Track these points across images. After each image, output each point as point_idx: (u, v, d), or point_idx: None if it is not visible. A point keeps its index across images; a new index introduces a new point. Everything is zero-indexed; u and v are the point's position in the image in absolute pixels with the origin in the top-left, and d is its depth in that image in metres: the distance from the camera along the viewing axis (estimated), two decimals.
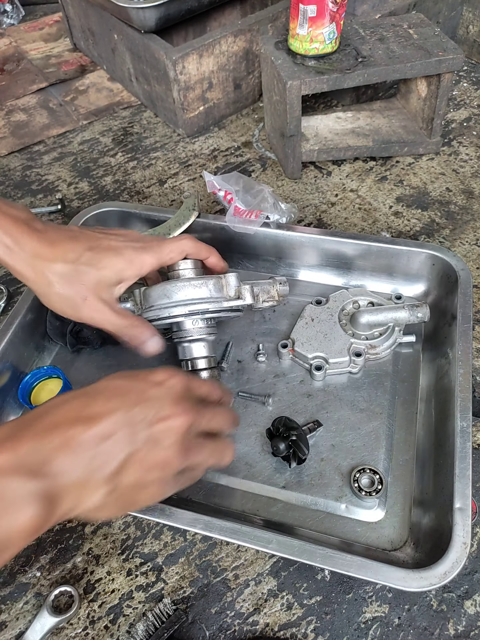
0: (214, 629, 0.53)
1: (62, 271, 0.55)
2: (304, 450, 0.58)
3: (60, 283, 0.55)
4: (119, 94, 1.18)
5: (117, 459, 0.41)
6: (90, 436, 0.39)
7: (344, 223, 0.87)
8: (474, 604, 0.54)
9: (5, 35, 1.38)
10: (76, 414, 0.41)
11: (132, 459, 0.41)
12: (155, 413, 0.43)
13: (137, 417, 0.42)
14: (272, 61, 0.85)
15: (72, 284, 0.55)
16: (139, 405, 0.43)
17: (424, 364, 0.69)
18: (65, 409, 0.41)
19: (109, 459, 0.40)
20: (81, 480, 0.39)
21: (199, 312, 0.60)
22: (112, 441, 0.40)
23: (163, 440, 0.43)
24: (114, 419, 0.41)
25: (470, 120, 1.04)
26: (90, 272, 0.56)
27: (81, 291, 0.56)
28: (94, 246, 0.57)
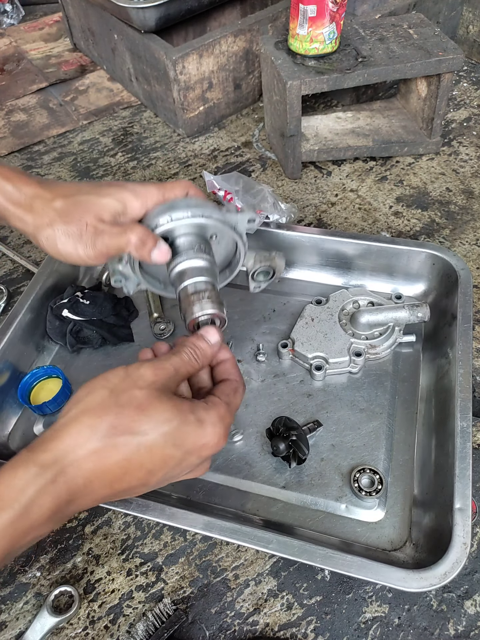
0: (214, 629, 0.53)
1: (62, 206, 0.52)
2: (304, 450, 0.58)
3: (61, 217, 0.52)
4: (119, 94, 1.18)
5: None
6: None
7: (344, 223, 0.87)
8: (474, 604, 0.54)
9: (5, 35, 1.38)
10: (110, 492, 0.40)
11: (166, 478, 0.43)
12: (189, 471, 0.44)
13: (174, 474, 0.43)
14: (272, 61, 0.85)
15: (74, 214, 0.52)
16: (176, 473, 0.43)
17: (424, 364, 0.69)
18: (93, 493, 0.40)
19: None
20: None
21: (202, 216, 0.53)
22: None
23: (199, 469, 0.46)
24: (144, 488, 0.42)
25: (470, 120, 1.03)
26: (91, 199, 0.53)
27: (83, 218, 0.52)
28: (95, 184, 0.55)
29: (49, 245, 0.53)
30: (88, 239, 0.51)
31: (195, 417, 0.41)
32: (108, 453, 0.38)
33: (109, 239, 0.51)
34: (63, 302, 0.70)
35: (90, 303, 0.71)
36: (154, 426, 0.39)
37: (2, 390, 0.65)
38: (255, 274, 0.64)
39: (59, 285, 0.74)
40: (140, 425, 0.39)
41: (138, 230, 0.51)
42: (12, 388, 0.66)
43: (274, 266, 0.63)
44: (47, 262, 0.74)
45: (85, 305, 0.70)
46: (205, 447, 0.41)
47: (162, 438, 0.39)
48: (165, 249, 0.52)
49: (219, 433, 0.42)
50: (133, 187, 0.54)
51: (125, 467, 0.38)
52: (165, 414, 0.40)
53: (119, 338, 0.72)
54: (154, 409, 0.39)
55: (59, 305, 0.70)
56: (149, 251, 0.52)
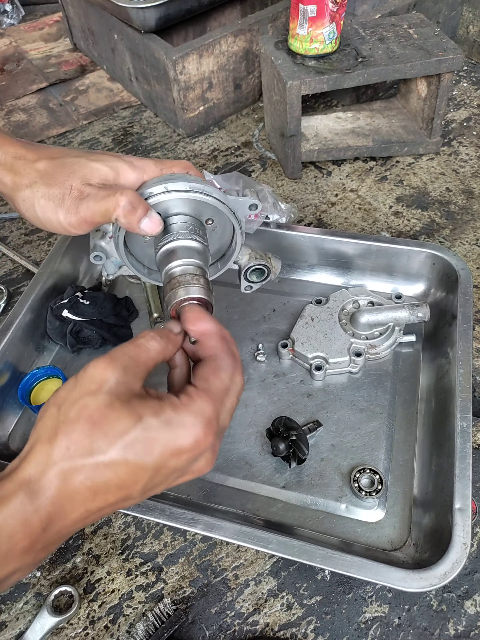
0: (214, 629, 0.53)
1: (46, 167, 0.47)
2: (304, 450, 0.58)
3: (44, 178, 0.46)
4: (119, 94, 1.18)
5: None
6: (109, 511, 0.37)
7: (344, 223, 0.87)
8: (474, 604, 0.54)
9: (5, 35, 1.38)
10: (86, 513, 0.35)
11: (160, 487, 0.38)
12: (177, 475, 0.38)
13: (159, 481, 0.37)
14: (272, 61, 0.85)
15: (58, 176, 0.46)
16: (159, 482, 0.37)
17: (424, 364, 0.69)
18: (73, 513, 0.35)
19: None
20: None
21: (201, 192, 0.48)
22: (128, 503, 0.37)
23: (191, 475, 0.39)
24: (131, 502, 0.37)
25: (470, 120, 1.03)
26: (80, 162, 0.47)
27: (68, 181, 0.46)
28: (87, 151, 0.50)
29: (26, 209, 0.48)
30: (71, 204, 0.46)
31: (160, 420, 0.35)
32: (70, 475, 0.33)
33: (95, 202, 0.45)
34: (63, 303, 0.70)
35: (90, 303, 0.71)
36: (110, 441, 0.33)
37: (2, 390, 0.65)
38: (249, 272, 0.60)
39: (59, 285, 0.74)
40: (94, 441, 0.34)
41: (129, 193, 0.45)
42: (12, 388, 0.66)
43: (269, 266, 0.60)
44: (47, 262, 0.74)
45: (85, 305, 0.70)
46: (181, 451, 0.35)
47: (122, 452, 0.34)
48: (156, 218, 0.46)
49: (194, 432, 0.35)
50: (129, 159, 0.49)
51: (92, 487, 0.34)
52: (120, 424, 0.34)
53: (119, 338, 0.72)
54: (107, 421, 0.34)
55: (59, 306, 0.70)
56: (138, 219, 0.45)
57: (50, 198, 0.46)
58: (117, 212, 0.45)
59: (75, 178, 0.46)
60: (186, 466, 0.37)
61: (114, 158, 0.48)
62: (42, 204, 0.46)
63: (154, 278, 0.56)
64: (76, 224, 0.46)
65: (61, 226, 0.47)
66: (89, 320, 0.70)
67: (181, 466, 0.36)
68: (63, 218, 0.46)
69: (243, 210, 0.52)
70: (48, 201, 0.46)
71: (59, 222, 0.47)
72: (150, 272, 0.56)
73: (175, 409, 0.36)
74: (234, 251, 0.56)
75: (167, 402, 0.36)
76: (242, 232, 0.53)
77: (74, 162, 0.47)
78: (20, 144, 0.49)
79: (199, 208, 0.50)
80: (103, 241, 0.51)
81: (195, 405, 0.36)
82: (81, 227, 0.47)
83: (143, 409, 0.35)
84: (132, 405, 0.35)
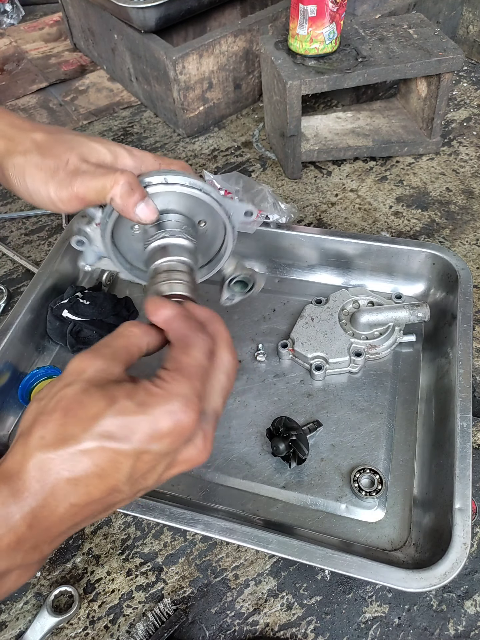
0: (214, 629, 0.53)
1: (42, 138, 0.45)
2: (304, 451, 0.58)
3: (39, 148, 0.44)
4: (119, 94, 1.18)
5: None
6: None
7: (344, 223, 0.87)
8: (474, 604, 0.54)
9: (5, 35, 1.38)
10: (72, 508, 0.33)
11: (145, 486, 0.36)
12: (166, 464, 0.36)
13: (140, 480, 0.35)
14: (272, 61, 0.85)
15: (54, 149, 0.45)
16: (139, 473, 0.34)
17: (424, 364, 0.69)
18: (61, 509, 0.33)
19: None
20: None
21: (200, 190, 0.47)
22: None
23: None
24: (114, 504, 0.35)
25: (470, 120, 1.03)
26: (79, 139, 0.46)
27: (65, 155, 0.44)
28: (85, 134, 0.49)
29: (15, 175, 0.45)
30: (65, 177, 0.43)
31: (135, 402, 0.33)
32: (47, 466, 0.32)
33: (91, 178, 0.43)
34: (63, 303, 0.71)
35: (90, 303, 0.71)
36: (83, 427, 0.32)
37: (2, 390, 0.65)
38: (232, 282, 0.58)
39: (59, 285, 0.74)
40: (68, 428, 0.32)
41: (129, 174, 0.43)
42: (12, 388, 0.66)
43: (254, 279, 0.58)
44: (47, 262, 0.74)
45: (85, 305, 0.70)
46: (161, 433, 0.33)
47: (97, 437, 0.32)
48: (152, 206, 0.45)
49: (172, 413, 0.33)
50: (129, 147, 0.48)
51: (72, 478, 0.32)
52: (94, 408, 0.32)
53: None
54: (80, 406, 0.33)
55: (59, 306, 0.70)
56: (135, 202, 0.43)
57: (43, 168, 0.44)
58: (114, 191, 0.43)
59: (72, 153, 0.44)
60: (172, 452, 0.35)
61: (113, 144, 0.47)
62: (33, 173, 0.44)
63: (135, 274, 0.54)
64: (66, 199, 0.44)
65: (50, 199, 0.44)
66: (89, 320, 0.70)
67: (166, 451, 0.34)
68: (53, 191, 0.44)
69: (238, 216, 0.51)
70: (40, 171, 0.44)
71: (48, 194, 0.44)
72: (132, 268, 0.54)
73: (148, 391, 0.34)
74: (223, 256, 0.54)
75: (140, 385, 0.34)
76: (234, 237, 0.52)
77: (73, 139, 0.46)
78: (15, 115, 0.48)
79: (194, 207, 0.49)
80: (89, 227, 0.49)
81: (167, 385, 0.34)
82: (71, 204, 0.44)
83: (117, 391, 0.33)
84: (107, 388, 0.34)
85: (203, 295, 0.72)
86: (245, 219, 0.52)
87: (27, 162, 0.44)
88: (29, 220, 0.93)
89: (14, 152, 0.44)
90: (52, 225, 0.91)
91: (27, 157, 0.44)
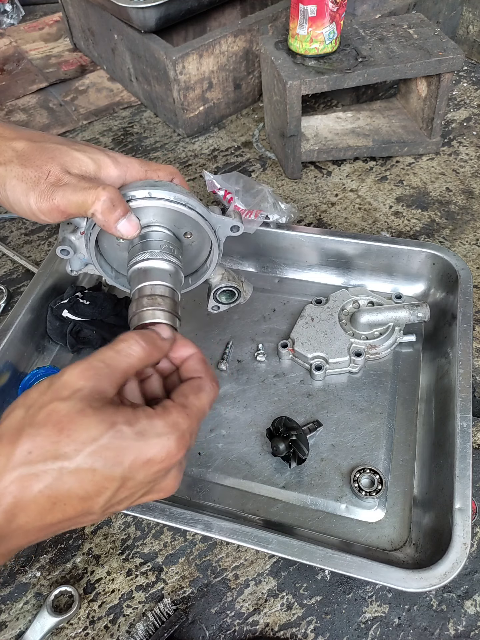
0: (214, 629, 0.53)
1: (24, 148, 0.44)
2: (304, 450, 0.58)
3: (20, 158, 0.44)
4: (119, 94, 1.18)
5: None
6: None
7: (344, 223, 0.87)
8: (474, 604, 0.54)
9: (5, 35, 1.38)
10: (43, 524, 0.33)
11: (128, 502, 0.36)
12: (143, 492, 0.36)
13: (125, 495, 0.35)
14: (272, 61, 0.85)
15: (36, 159, 0.44)
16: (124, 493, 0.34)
17: (424, 364, 0.69)
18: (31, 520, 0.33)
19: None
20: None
21: (185, 205, 0.46)
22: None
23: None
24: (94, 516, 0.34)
25: (470, 120, 1.03)
26: (62, 149, 0.45)
27: (46, 165, 0.43)
28: (70, 140, 0.47)
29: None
30: (45, 188, 0.43)
31: (133, 429, 0.33)
32: (28, 482, 0.31)
33: (73, 192, 0.43)
34: (63, 303, 0.70)
35: (90, 303, 0.71)
36: (78, 447, 0.31)
37: (2, 390, 0.65)
38: (218, 292, 0.58)
39: (59, 285, 0.74)
40: (60, 447, 0.31)
41: (111, 190, 0.43)
42: (12, 388, 0.66)
43: (240, 289, 0.58)
44: (47, 262, 0.74)
45: (85, 305, 0.70)
46: (152, 463, 0.33)
47: (89, 459, 0.32)
48: (135, 222, 0.45)
49: (167, 445, 0.34)
50: (113, 154, 0.47)
51: (53, 497, 0.32)
52: (91, 430, 0.32)
53: None
54: (76, 426, 0.32)
55: (59, 306, 0.70)
56: (116, 218, 0.44)
57: (24, 179, 0.43)
58: (95, 207, 0.42)
59: (54, 164, 0.44)
60: (154, 481, 0.35)
61: (97, 151, 0.47)
62: (13, 184, 0.43)
63: (121, 282, 0.55)
64: (47, 210, 0.44)
65: (30, 210, 0.44)
66: (89, 320, 0.70)
67: (149, 479, 0.35)
68: (34, 202, 0.43)
69: (224, 230, 0.51)
70: (20, 182, 0.43)
71: (28, 205, 0.44)
72: (117, 275, 0.54)
73: (150, 419, 0.34)
74: (208, 269, 0.54)
75: (141, 412, 0.35)
76: (220, 251, 0.52)
77: (55, 148, 0.45)
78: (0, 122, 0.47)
79: (179, 220, 0.49)
80: (73, 236, 0.49)
81: (170, 417, 0.35)
82: (52, 215, 0.44)
83: (116, 416, 0.33)
84: (105, 412, 0.33)
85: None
86: (231, 234, 0.52)
87: (8, 173, 0.43)
88: (29, 220, 0.93)
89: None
90: (52, 225, 0.91)
91: (7, 168, 0.43)
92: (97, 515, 0.35)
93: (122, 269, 0.53)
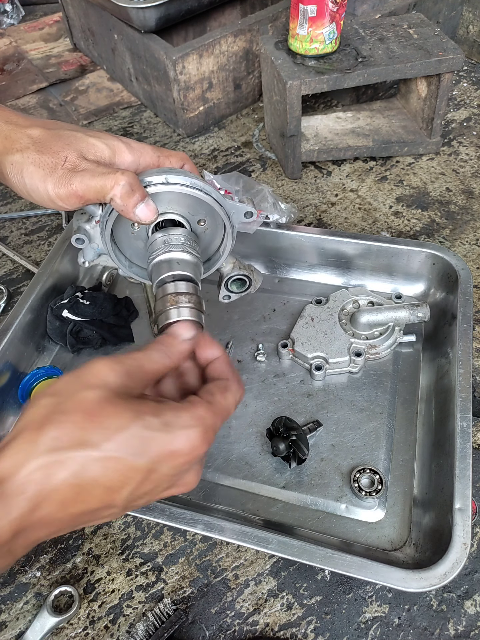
0: (214, 629, 0.53)
1: (40, 135, 0.44)
2: (304, 450, 0.58)
3: (36, 145, 0.44)
4: (119, 94, 1.18)
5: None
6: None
7: (344, 223, 0.87)
8: (474, 604, 0.54)
9: (5, 35, 1.38)
10: (65, 515, 0.33)
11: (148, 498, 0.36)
12: (166, 486, 0.36)
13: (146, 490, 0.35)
14: (272, 61, 0.85)
15: (52, 146, 0.44)
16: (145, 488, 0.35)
17: (424, 364, 0.69)
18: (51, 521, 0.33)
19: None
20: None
21: (201, 190, 0.47)
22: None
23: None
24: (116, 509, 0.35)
25: (470, 120, 1.03)
26: (77, 135, 0.45)
27: (63, 152, 0.43)
28: (83, 127, 0.48)
29: (13, 174, 0.44)
30: (63, 175, 0.43)
31: (160, 420, 0.33)
32: (53, 470, 0.31)
33: (91, 177, 0.43)
34: (63, 303, 0.71)
35: (90, 303, 0.71)
36: (106, 435, 0.32)
37: (2, 390, 0.65)
38: (230, 281, 0.58)
39: (59, 285, 0.74)
40: (88, 434, 0.31)
41: (130, 175, 0.43)
42: (12, 388, 0.66)
43: (252, 278, 0.59)
44: (47, 262, 0.74)
45: (85, 305, 0.70)
46: (176, 455, 0.34)
47: (116, 448, 0.32)
48: (153, 206, 0.45)
49: (192, 438, 0.34)
50: (127, 140, 0.47)
51: (77, 485, 0.31)
52: (119, 419, 0.32)
53: (119, 338, 0.72)
54: (105, 414, 0.32)
55: (59, 306, 0.70)
56: (135, 203, 0.44)
57: (41, 165, 0.43)
58: (114, 192, 0.43)
59: (70, 150, 0.44)
60: (176, 475, 0.36)
61: (111, 137, 0.47)
62: (31, 171, 0.43)
63: (134, 272, 0.54)
64: (65, 196, 0.44)
65: (48, 196, 0.44)
66: (89, 320, 0.70)
67: (173, 473, 0.35)
68: (52, 188, 0.43)
69: (238, 216, 0.51)
70: (38, 168, 0.43)
71: (46, 191, 0.44)
72: (130, 265, 0.54)
73: (176, 412, 0.35)
74: (221, 256, 0.54)
75: (167, 405, 0.35)
76: (233, 237, 0.52)
77: (70, 134, 0.45)
78: (10, 110, 0.47)
79: (194, 206, 0.49)
80: (88, 225, 0.49)
81: (196, 411, 0.35)
82: (69, 201, 0.44)
83: (143, 407, 0.34)
84: (133, 402, 0.34)
85: (203, 295, 0.73)
86: (245, 220, 0.52)
87: (25, 159, 0.43)
88: (29, 220, 0.93)
89: (11, 149, 0.44)
90: (52, 225, 0.91)
91: (24, 155, 0.44)
92: (119, 509, 0.35)
93: (136, 258, 0.53)
